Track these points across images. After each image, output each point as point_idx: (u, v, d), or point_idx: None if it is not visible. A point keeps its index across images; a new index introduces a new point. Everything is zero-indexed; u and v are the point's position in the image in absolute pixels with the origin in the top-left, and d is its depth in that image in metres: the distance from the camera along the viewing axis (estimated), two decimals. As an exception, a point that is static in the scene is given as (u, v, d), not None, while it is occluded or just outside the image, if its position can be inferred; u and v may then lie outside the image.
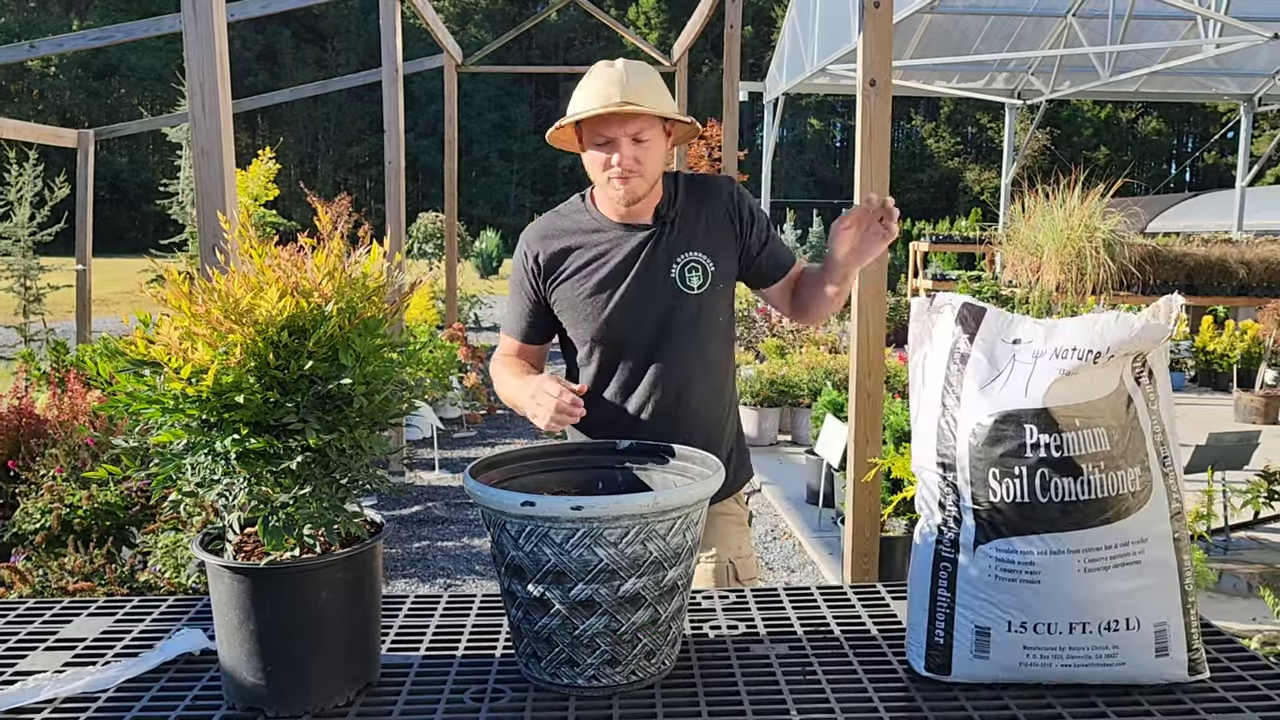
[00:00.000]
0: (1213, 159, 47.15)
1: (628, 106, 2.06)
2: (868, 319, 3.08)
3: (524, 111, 56.31)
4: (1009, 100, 16.65)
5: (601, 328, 2.24)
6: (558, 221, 2.32)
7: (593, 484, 1.81)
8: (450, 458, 7.46)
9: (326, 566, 1.41)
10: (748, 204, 2.33)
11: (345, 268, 1.46)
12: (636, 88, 2.09)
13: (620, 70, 2.11)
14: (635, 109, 2.07)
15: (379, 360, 1.46)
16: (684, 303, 2.24)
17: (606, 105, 2.07)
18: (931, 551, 1.53)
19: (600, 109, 2.07)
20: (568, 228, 2.30)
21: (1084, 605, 1.43)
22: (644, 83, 2.11)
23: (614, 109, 2.06)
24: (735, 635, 1.72)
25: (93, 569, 3.12)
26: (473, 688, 1.53)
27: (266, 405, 1.35)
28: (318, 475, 1.41)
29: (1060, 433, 1.43)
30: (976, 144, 54.70)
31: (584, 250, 2.26)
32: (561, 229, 2.30)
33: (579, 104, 2.13)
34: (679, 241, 2.25)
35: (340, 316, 1.41)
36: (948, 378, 1.54)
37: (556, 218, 2.33)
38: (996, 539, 1.45)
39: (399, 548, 5.36)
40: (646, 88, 2.11)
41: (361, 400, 1.39)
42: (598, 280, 2.24)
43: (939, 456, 1.53)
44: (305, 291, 1.41)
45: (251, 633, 1.41)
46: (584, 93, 2.13)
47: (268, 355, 1.35)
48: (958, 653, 1.49)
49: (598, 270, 2.25)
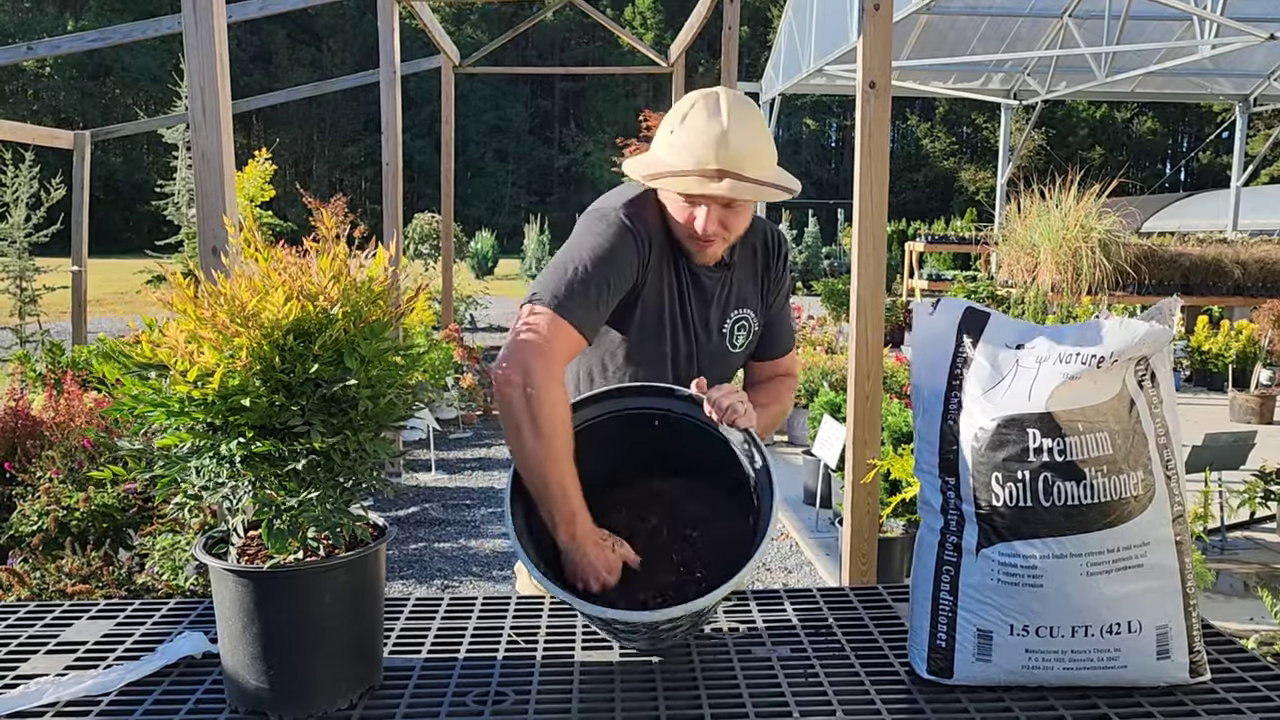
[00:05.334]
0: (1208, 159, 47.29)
1: (724, 185, 1.77)
2: (866, 320, 3.09)
3: (519, 112, 56.29)
4: (1005, 100, 16.68)
5: (645, 370, 1.94)
6: (651, 222, 1.91)
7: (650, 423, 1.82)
8: (447, 459, 7.46)
9: (330, 570, 1.41)
10: (786, 259, 2.12)
11: (350, 271, 1.46)
12: (739, 152, 1.77)
13: (723, 125, 1.77)
14: (731, 194, 1.78)
15: (384, 364, 1.46)
16: (729, 365, 2.05)
17: (702, 179, 1.78)
18: (934, 555, 1.53)
19: (692, 186, 1.78)
20: (657, 238, 1.91)
21: (1086, 608, 1.44)
22: (749, 144, 1.78)
23: (710, 192, 1.78)
24: (737, 637, 1.72)
25: (90, 571, 3.11)
26: (475, 690, 1.53)
27: (272, 408, 1.35)
28: (322, 478, 1.41)
29: (1063, 437, 1.43)
30: (972, 144, 54.83)
31: (660, 275, 1.92)
32: (656, 234, 1.91)
33: (671, 157, 1.81)
34: (734, 295, 2.02)
35: (346, 320, 1.41)
36: (950, 382, 1.54)
37: (647, 215, 1.90)
38: (999, 543, 1.46)
39: (395, 549, 5.36)
40: (750, 149, 1.79)
41: (366, 403, 1.39)
42: (667, 318, 1.94)
43: (941, 460, 1.53)
44: (311, 295, 1.41)
45: (255, 636, 1.41)
46: (679, 141, 1.81)
47: (273, 358, 1.35)
48: (960, 656, 1.50)
49: (667, 306, 1.94)
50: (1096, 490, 1.43)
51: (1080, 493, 1.43)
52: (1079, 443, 1.43)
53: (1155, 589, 1.46)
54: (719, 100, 1.81)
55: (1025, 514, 1.44)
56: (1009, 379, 1.49)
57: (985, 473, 1.47)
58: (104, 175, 38.94)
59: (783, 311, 2.15)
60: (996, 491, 1.46)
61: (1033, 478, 1.44)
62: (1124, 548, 1.44)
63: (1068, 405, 1.44)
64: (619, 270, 1.82)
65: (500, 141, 54.82)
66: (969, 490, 1.48)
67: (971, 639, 1.49)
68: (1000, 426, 1.46)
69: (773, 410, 2.07)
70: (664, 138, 1.86)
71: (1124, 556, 1.44)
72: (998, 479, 1.46)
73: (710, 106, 1.80)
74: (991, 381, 1.50)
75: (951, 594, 1.50)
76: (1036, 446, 1.44)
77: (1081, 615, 1.44)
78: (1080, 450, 1.43)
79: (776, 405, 2.10)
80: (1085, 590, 1.43)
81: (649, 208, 1.89)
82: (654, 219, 1.91)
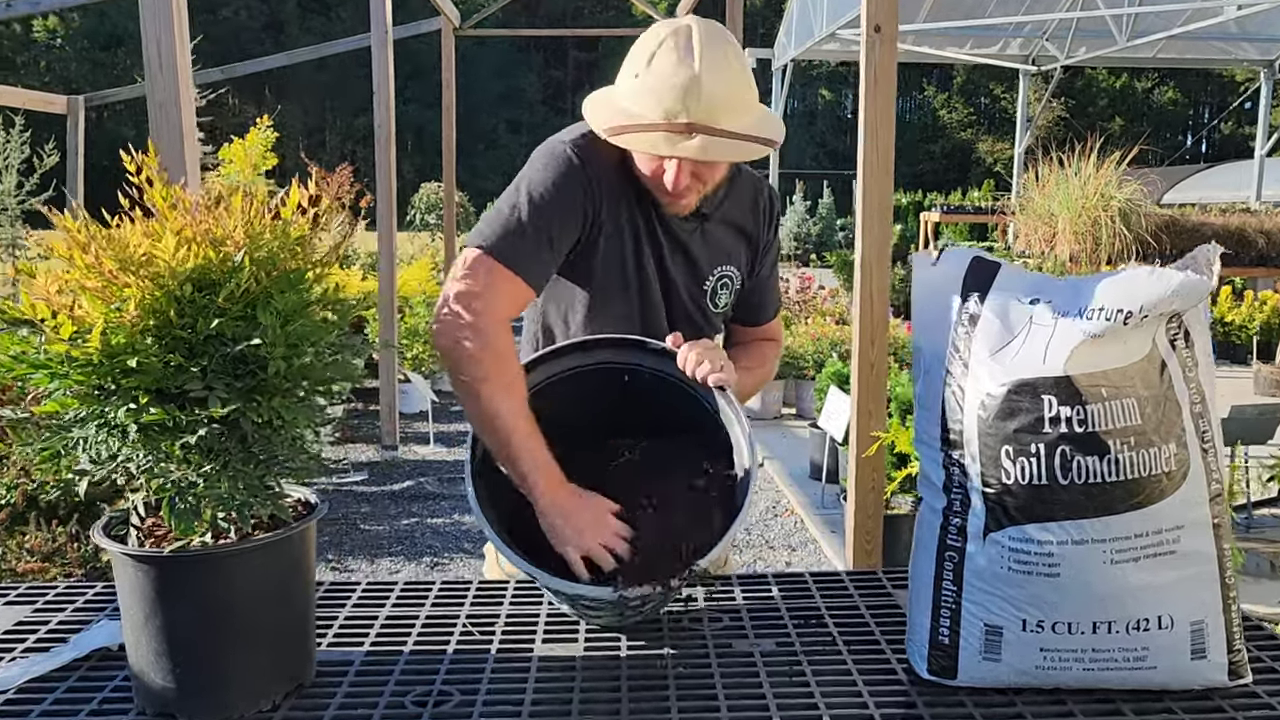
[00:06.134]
0: (1229, 129, 46.51)
1: (695, 144, 1.54)
2: (872, 282, 2.88)
3: (532, 81, 55.82)
4: (1023, 67, 16.30)
5: (609, 330, 1.71)
6: (607, 160, 1.68)
7: (618, 382, 1.66)
8: (446, 431, 7.30)
9: (242, 554, 1.24)
10: (777, 217, 1.92)
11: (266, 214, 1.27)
12: (713, 101, 1.53)
13: (694, 69, 1.52)
14: (703, 155, 1.56)
15: (307, 319, 1.28)
16: (709, 328, 1.83)
17: (671, 135, 1.54)
18: (935, 540, 1.34)
19: (659, 145, 1.56)
20: (614, 179, 1.68)
21: (1110, 601, 1.25)
22: (724, 90, 1.55)
23: (679, 153, 1.56)
24: (717, 629, 1.54)
25: (54, 548, 2.96)
26: (417, 689, 1.36)
27: (167, 370, 1.17)
28: (232, 450, 1.23)
29: (1084, 404, 1.24)
30: (990, 115, 54.09)
31: (619, 222, 1.71)
32: (612, 175, 1.68)
33: (636, 105, 1.57)
34: (717, 249, 1.81)
35: (257, 269, 1.22)
36: (954, 341, 1.35)
37: (603, 152, 1.66)
38: (1010, 526, 1.27)
39: (386, 524, 5.21)
40: (726, 96, 1.55)
41: (278, 364, 1.21)
42: (632, 271, 1.73)
43: (943, 431, 1.34)
44: (217, 240, 1.22)
45: (159, 629, 1.24)
46: (644, 86, 1.56)
47: (169, 312, 1.17)
48: (965, 654, 1.31)
49: (632, 257, 1.73)
50: (1122, 466, 1.23)
51: (1104, 468, 1.23)
52: (1102, 411, 1.24)
53: (1190, 579, 1.27)
54: (690, 37, 1.56)
55: (1040, 493, 1.25)
56: (1021, 338, 1.29)
57: (994, 445, 1.27)
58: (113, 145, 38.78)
59: (771, 275, 1.95)
60: (1007, 467, 1.26)
61: (1049, 451, 1.24)
62: (1154, 532, 1.25)
63: (1089, 368, 1.25)
64: (564, 211, 1.63)
65: (512, 112, 54.39)
66: (975, 466, 1.29)
67: (978, 635, 1.30)
68: (1011, 392, 1.27)
69: (756, 374, 1.89)
70: (628, 82, 1.61)
71: (1154, 542, 1.25)
72: (1008, 453, 1.26)
73: (680, 45, 1.56)
74: (1001, 341, 1.31)
75: (955, 584, 1.32)
76: (1053, 415, 1.25)
77: (1104, 609, 1.25)
78: (1104, 420, 1.24)
79: (761, 369, 1.91)
80: (1109, 580, 1.24)
81: (607, 145, 1.63)
82: (611, 157, 1.68)
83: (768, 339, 1.99)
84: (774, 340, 1.99)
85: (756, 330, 1.98)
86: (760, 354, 1.93)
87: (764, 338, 1.98)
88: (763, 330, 1.98)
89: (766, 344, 1.97)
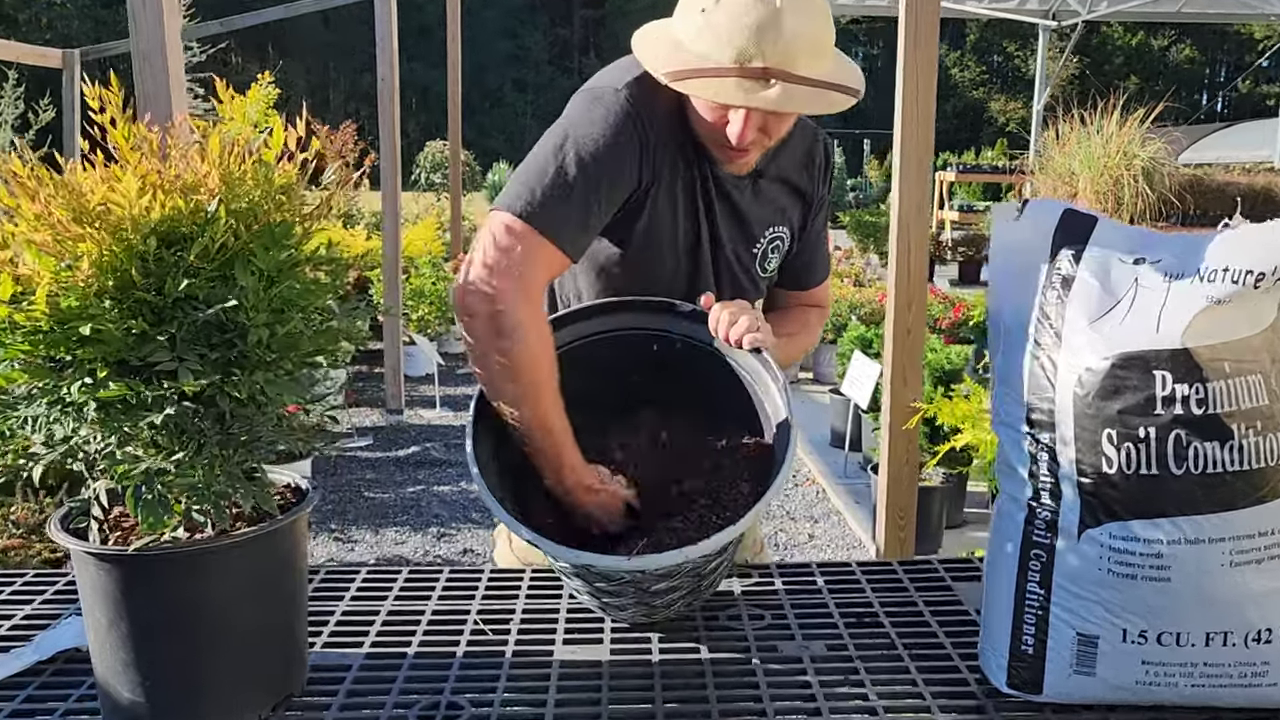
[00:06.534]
0: (1247, 88, 45.79)
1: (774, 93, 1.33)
2: (909, 240, 2.68)
3: (538, 40, 55.15)
4: (1043, 22, 15.90)
5: (644, 292, 1.52)
6: (663, 108, 1.46)
7: (647, 349, 1.51)
8: (453, 395, 7.13)
9: (221, 551, 1.07)
10: (832, 171, 1.71)
11: (248, 158, 1.09)
12: (794, 43, 1.31)
13: (774, 3, 1.31)
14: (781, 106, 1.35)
15: (295, 280, 1.10)
16: (754, 291, 1.65)
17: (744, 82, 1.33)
18: (1019, 535, 1.17)
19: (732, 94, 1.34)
20: (668, 130, 1.48)
21: (1227, 609, 1.08)
22: (807, 30, 1.33)
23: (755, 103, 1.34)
24: (759, 629, 1.37)
25: (40, 520, 2.81)
26: (422, 701, 1.20)
27: (129, 338, 0.99)
28: (207, 432, 1.06)
29: (1204, 382, 1.06)
30: (1003, 73, 53.37)
31: (673, 179, 1.50)
32: (667, 126, 1.48)
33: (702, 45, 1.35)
34: (770, 208, 1.61)
35: (235, 221, 1.04)
36: (1042, 307, 1.17)
37: (659, 98, 1.44)
38: (1110, 521, 1.09)
39: (392, 492, 5.05)
40: (809, 37, 1.34)
41: (260, 332, 1.03)
42: (681, 234, 1.53)
43: (1029, 411, 1.16)
44: (189, 187, 1.04)
45: (124, 636, 1.07)
46: (714, 24, 1.34)
47: (130, 271, 0.99)
48: (1053, 666, 1.14)
49: (683, 217, 1.53)
50: (1247, 453, 1.06)
51: (1225, 457, 1.05)
52: (1225, 389, 1.06)
53: (1318, 584, 1.09)
54: None
55: (1148, 484, 1.07)
56: (1126, 303, 1.11)
57: (1094, 429, 1.09)
58: (119, 105, 38.22)
59: (821, 234, 1.75)
60: (1109, 453, 1.09)
61: (1160, 436, 1.06)
62: (1279, 530, 1.07)
63: (1211, 339, 1.07)
64: (616, 171, 1.41)
65: (519, 71, 53.79)
66: (1069, 451, 1.11)
67: (1069, 645, 1.13)
68: (1116, 367, 1.09)
69: (798, 341, 1.70)
70: (693, 17, 1.38)
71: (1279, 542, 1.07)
72: (1111, 437, 1.08)
73: None
74: (1102, 307, 1.12)
75: (1042, 586, 1.14)
76: (1167, 394, 1.06)
77: (1220, 618, 1.08)
78: (1226, 400, 1.06)
79: (804, 336, 1.72)
80: (1226, 585, 1.07)
81: (661, 89, 1.41)
82: (667, 104, 1.47)
83: (813, 305, 1.80)
84: (820, 306, 1.80)
85: (802, 295, 1.78)
86: (802, 319, 1.74)
87: (809, 304, 1.79)
88: (808, 295, 1.79)
89: (810, 310, 1.78)
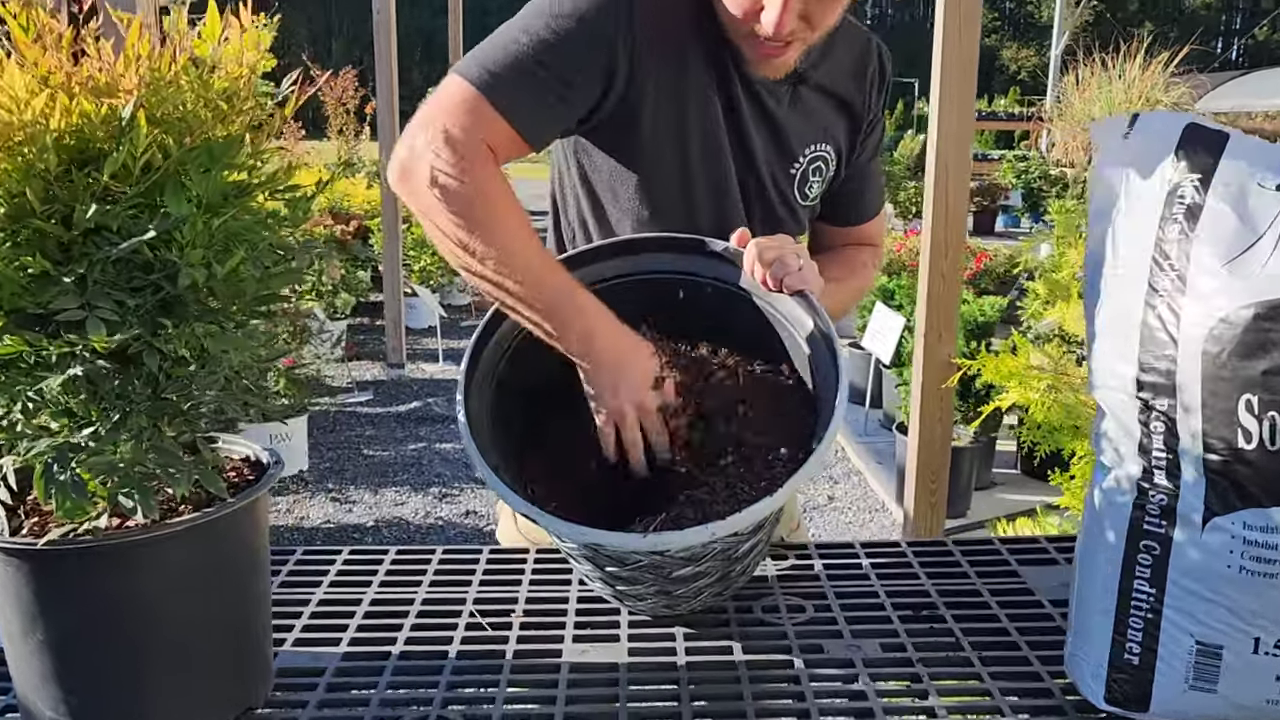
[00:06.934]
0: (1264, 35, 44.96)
1: None
2: (948, 180, 2.45)
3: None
4: (1061, -36, 15.48)
5: (662, 226, 1.32)
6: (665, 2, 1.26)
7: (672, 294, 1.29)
8: (455, 348, 6.93)
9: (155, 542, 0.87)
10: (888, 86, 1.49)
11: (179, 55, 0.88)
12: None
13: None
14: None
15: (242, 210, 0.89)
16: (793, 223, 1.44)
17: None
18: (1123, 522, 0.96)
19: None
20: (674, 19, 1.26)
21: (1388, 616, 0.88)
22: None
23: None
24: (800, 624, 1.18)
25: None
26: (409, 711, 1.01)
27: (27, 280, 0.79)
28: (133, 398, 0.86)
29: (1373, 336, 0.85)
30: (1014, 20, 52.47)
31: (680, 81, 1.28)
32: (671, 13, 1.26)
33: None
34: (811, 122, 1.39)
35: (162, 132, 0.83)
36: (1159, 245, 0.95)
37: None
38: (1244, 508, 0.89)
39: (392, 449, 4.87)
40: None
41: (195, 273, 0.83)
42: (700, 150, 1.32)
43: (1141, 372, 0.95)
44: (102, 89, 0.83)
45: (42, 645, 0.88)
46: None
47: (26, 194, 0.79)
48: (1163, 679, 0.95)
49: (702, 130, 1.31)
50: None
51: (1397, 430, 0.85)
52: (1397, 346, 0.85)
53: None
54: None
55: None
56: (1271, 239, 0.90)
57: (1228, 394, 0.89)
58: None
59: (874, 161, 1.53)
60: (1247, 425, 0.88)
61: (1315, 404, 0.86)
62: None
63: (1381, 283, 0.86)
64: (588, 51, 1.20)
65: (522, 18, 53.02)
66: (1194, 421, 0.91)
67: (1185, 655, 0.93)
68: (1260, 318, 0.88)
69: (848, 286, 1.48)
70: None
71: None
72: (1250, 405, 0.88)
73: None
74: (1240, 244, 0.91)
75: (1153, 585, 0.94)
76: (1324, 352, 0.86)
77: (1379, 627, 0.88)
78: (1399, 359, 0.85)
79: (854, 280, 1.50)
80: (1389, 588, 0.87)
81: None
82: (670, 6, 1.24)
83: (865, 244, 1.57)
84: (873, 245, 1.58)
85: (852, 232, 1.56)
86: (854, 260, 1.52)
87: (860, 242, 1.57)
88: (859, 232, 1.56)
89: (863, 249, 1.56)
